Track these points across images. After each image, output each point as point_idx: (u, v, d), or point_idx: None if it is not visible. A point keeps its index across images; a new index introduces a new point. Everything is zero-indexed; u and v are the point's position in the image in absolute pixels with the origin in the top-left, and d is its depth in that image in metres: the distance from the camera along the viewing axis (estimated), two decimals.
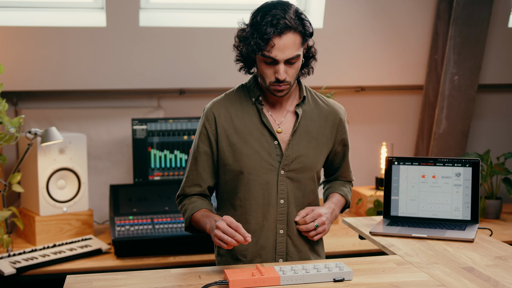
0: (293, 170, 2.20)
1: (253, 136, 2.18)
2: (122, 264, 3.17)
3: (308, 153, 2.21)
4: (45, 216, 3.42)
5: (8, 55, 3.72)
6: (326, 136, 2.26)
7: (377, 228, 2.53)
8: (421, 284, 1.91)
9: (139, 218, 3.37)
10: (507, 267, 2.06)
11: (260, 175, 2.18)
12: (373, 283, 1.93)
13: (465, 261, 2.13)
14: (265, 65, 2.09)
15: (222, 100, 2.25)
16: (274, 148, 2.19)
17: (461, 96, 4.20)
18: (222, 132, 2.19)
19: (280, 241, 2.21)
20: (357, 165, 4.34)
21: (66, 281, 1.99)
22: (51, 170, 3.43)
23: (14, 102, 3.89)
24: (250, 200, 2.19)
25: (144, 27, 3.83)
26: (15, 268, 2.99)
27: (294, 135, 2.20)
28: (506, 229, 3.68)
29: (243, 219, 2.21)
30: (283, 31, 2.02)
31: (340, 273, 1.95)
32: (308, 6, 4.15)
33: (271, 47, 2.03)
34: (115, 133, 4.03)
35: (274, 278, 1.91)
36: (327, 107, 2.30)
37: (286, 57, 2.05)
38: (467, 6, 4.03)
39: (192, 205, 2.21)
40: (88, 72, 3.90)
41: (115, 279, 2.00)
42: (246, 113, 2.21)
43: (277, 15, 2.02)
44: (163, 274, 2.04)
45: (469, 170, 2.59)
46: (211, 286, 1.91)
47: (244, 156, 2.17)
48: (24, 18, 3.78)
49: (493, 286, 1.88)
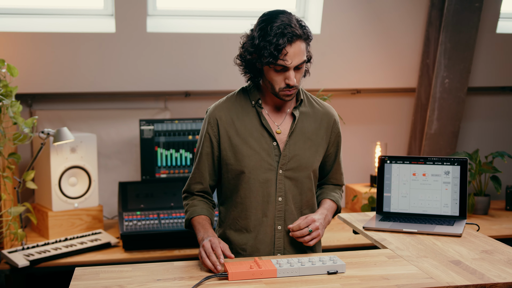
0: (290, 169, 2.19)
1: (253, 137, 2.18)
2: (130, 257, 3.16)
3: (304, 153, 2.21)
4: (58, 212, 3.42)
5: (23, 59, 3.73)
6: (321, 136, 2.26)
7: (370, 224, 2.53)
8: (410, 276, 1.91)
9: (146, 213, 3.37)
10: (492, 261, 2.06)
11: (260, 174, 2.18)
12: (364, 275, 1.93)
13: (452, 254, 2.13)
14: (275, 73, 2.09)
15: (224, 103, 2.25)
16: (273, 149, 2.19)
17: (451, 99, 4.19)
18: (224, 134, 2.20)
19: (278, 237, 2.21)
20: (352, 164, 4.36)
21: (75, 273, 1.99)
22: (63, 168, 3.43)
23: (29, 103, 3.90)
24: (250, 197, 2.19)
25: (151, 32, 3.83)
26: (28, 260, 2.99)
27: (291, 136, 2.20)
28: (494, 224, 3.67)
29: (244, 215, 2.21)
30: (293, 39, 2.02)
31: (333, 266, 1.95)
32: (306, 12, 4.14)
33: (284, 55, 2.03)
34: (124, 133, 4.03)
35: (271, 270, 1.91)
36: (322, 109, 2.30)
37: (296, 64, 2.06)
38: (457, 13, 4.01)
39: (192, 208, 2.24)
40: (98, 75, 3.89)
41: (121, 271, 2.00)
42: (247, 115, 2.21)
43: (284, 24, 2.02)
44: (166, 267, 2.04)
45: (457, 168, 2.59)
46: (211, 277, 1.91)
47: (245, 157, 2.17)
48: (38, 24, 3.78)
49: (478, 278, 1.88)
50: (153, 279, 1.91)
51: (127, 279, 1.92)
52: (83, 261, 3.09)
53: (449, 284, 1.83)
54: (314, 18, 4.08)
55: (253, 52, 2.10)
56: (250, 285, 1.85)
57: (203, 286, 1.85)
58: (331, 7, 3.99)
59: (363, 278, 1.90)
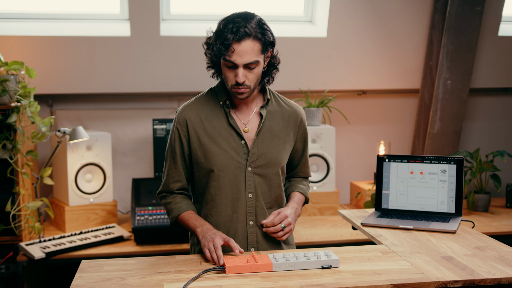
0: (259, 166, 2.17)
1: (222, 136, 2.16)
2: (141, 250, 3.16)
3: (271, 151, 2.18)
4: (74, 206, 3.43)
5: (43, 61, 3.75)
6: (288, 134, 2.24)
7: (368, 220, 2.50)
8: (401, 271, 1.88)
9: (157, 208, 3.36)
10: (483, 257, 2.02)
11: (229, 172, 2.15)
12: (357, 270, 1.90)
13: (445, 251, 2.09)
14: (227, 69, 2.08)
15: (192, 103, 2.22)
16: (242, 147, 2.16)
17: (453, 99, 4.13)
18: (193, 134, 2.17)
19: (251, 232, 2.19)
20: (357, 162, 4.32)
21: (81, 266, 2.00)
22: (79, 165, 3.44)
23: (50, 104, 3.91)
24: (220, 195, 2.17)
25: (165, 36, 3.83)
26: (44, 252, 3.00)
27: (258, 134, 2.18)
28: (493, 221, 3.61)
29: (214, 212, 2.19)
30: (242, 37, 2.00)
31: (328, 261, 1.92)
32: (313, 17, 4.11)
33: (231, 52, 2.01)
34: (139, 132, 4.03)
35: (267, 265, 1.90)
36: (289, 108, 2.27)
37: (244, 62, 2.03)
38: (459, 17, 3.96)
39: (177, 205, 2.22)
40: (114, 76, 3.90)
41: (124, 264, 2.00)
42: (215, 115, 2.18)
43: (238, 23, 2.01)
44: (168, 260, 2.03)
45: (453, 167, 2.55)
46: (210, 271, 1.90)
47: (214, 156, 2.15)
48: (58, 28, 3.80)
49: (468, 274, 1.84)
50: (154, 272, 1.91)
51: (130, 272, 1.91)
52: (97, 254, 3.10)
53: (438, 279, 1.80)
54: (320, 22, 4.05)
55: (208, 47, 2.12)
56: (246, 278, 1.83)
57: (201, 279, 1.84)
58: (337, 11, 3.95)
59: (355, 273, 1.87)
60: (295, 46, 4.00)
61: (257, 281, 1.81)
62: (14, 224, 3.11)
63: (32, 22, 3.81)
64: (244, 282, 1.80)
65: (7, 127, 3.06)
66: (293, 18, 4.14)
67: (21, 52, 3.69)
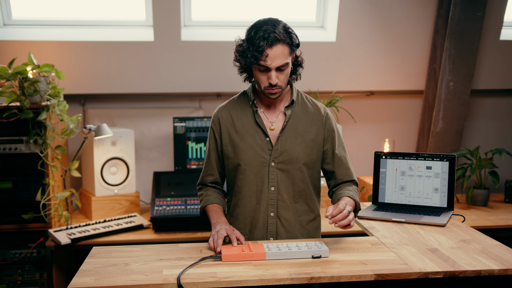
0: (281, 162, 2.15)
1: (249, 133, 2.17)
2: (158, 238, 3.16)
3: (294, 148, 2.16)
4: (100, 197, 3.45)
5: (76, 64, 3.78)
6: (313, 133, 2.20)
7: (364, 213, 2.46)
8: (386, 262, 1.84)
9: (175, 199, 3.36)
10: (467, 250, 1.96)
11: (254, 166, 2.15)
12: (345, 260, 1.87)
13: (432, 243, 2.04)
14: (260, 73, 2.07)
15: (226, 104, 2.27)
16: (266, 144, 2.15)
17: (455, 100, 4.03)
18: (225, 131, 2.21)
19: (271, 222, 2.17)
20: (364, 158, 4.26)
21: (91, 252, 2.00)
22: (104, 159, 3.46)
23: (82, 103, 3.95)
24: (246, 187, 2.17)
25: (185, 41, 3.82)
26: (70, 238, 3.02)
27: (282, 132, 2.16)
28: (491, 215, 3.51)
29: (240, 202, 2.20)
30: (274, 43, 2.00)
31: (318, 251, 1.90)
32: (324, 23, 4.06)
33: (265, 57, 2.00)
34: (163, 129, 4.04)
35: (261, 254, 1.88)
36: (314, 108, 2.24)
37: (277, 65, 2.03)
38: (461, 22, 3.86)
39: (206, 198, 2.25)
40: (140, 78, 3.91)
41: (131, 251, 2.00)
42: (244, 114, 2.20)
43: (268, 30, 2.00)
44: (171, 248, 2.02)
45: (446, 164, 2.49)
46: (207, 258, 1.88)
47: (241, 151, 2.16)
48: (88, 34, 3.82)
49: (450, 265, 1.79)
50: (156, 259, 1.90)
51: (134, 258, 1.91)
52: (117, 240, 3.10)
53: (420, 270, 1.75)
54: (330, 27, 3.99)
55: (241, 54, 2.10)
56: (240, 266, 1.82)
57: (198, 266, 1.83)
58: (346, 18, 3.90)
59: (343, 263, 1.84)
60: (306, 49, 3.93)
61: (250, 269, 1.79)
62: (44, 212, 3.14)
63: (65, 28, 3.85)
64: (238, 270, 1.78)
65: (38, 124, 3.09)
66: (305, 24, 4.09)
67: (54, 56, 3.73)
